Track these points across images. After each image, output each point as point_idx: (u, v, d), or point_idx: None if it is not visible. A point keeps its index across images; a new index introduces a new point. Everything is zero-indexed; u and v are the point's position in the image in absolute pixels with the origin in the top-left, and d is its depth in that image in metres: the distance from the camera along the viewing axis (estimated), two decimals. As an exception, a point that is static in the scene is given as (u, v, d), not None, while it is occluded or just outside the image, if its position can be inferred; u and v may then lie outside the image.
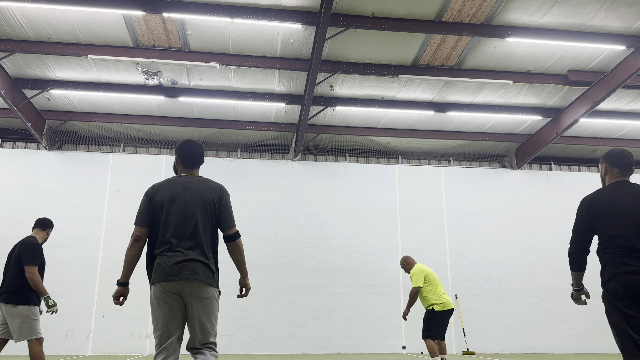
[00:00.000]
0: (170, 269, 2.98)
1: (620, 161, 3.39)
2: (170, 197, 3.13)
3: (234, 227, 3.24)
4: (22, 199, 11.78)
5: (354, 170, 13.14)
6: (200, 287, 3.00)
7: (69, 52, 9.55)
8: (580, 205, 3.37)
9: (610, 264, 3.15)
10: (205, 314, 3.02)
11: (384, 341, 11.93)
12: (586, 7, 8.56)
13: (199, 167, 3.38)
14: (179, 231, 3.06)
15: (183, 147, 3.32)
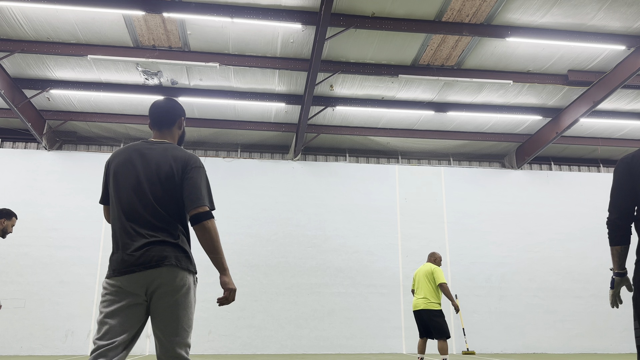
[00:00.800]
0: (130, 258, 2.39)
1: None
2: (122, 168, 2.55)
3: (202, 205, 2.47)
4: (22, 199, 11.78)
5: (354, 170, 13.14)
6: (172, 273, 2.39)
7: (69, 52, 9.54)
8: (619, 164, 2.83)
9: None
10: (179, 309, 2.40)
11: (384, 341, 11.93)
12: (586, 7, 8.56)
13: (170, 130, 2.72)
14: (134, 210, 2.47)
15: (150, 106, 2.75)
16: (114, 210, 2.53)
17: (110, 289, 2.41)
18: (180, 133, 2.80)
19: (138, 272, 2.37)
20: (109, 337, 2.33)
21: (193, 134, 12.75)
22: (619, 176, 2.78)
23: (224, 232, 12.11)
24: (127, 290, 2.39)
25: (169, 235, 2.45)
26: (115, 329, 2.34)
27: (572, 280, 12.84)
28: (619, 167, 2.80)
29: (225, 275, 2.54)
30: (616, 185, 2.79)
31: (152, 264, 2.37)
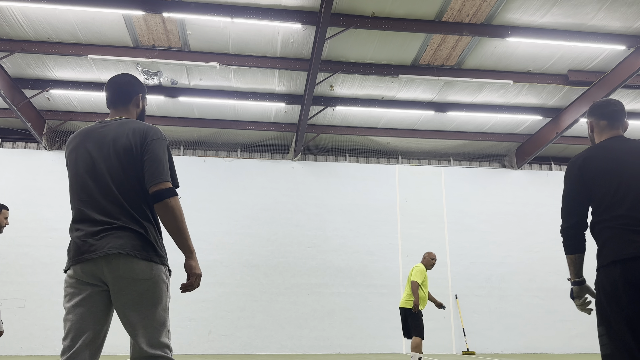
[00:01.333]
0: (83, 245, 2.14)
1: (606, 111, 2.69)
2: (74, 154, 2.32)
3: (163, 181, 2.20)
4: (22, 199, 11.78)
5: (354, 170, 13.14)
6: (129, 264, 2.12)
7: (68, 52, 9.54)
8: (571, 168, 2.60)
9: (612, 242, 2.39)
10: (143, 305, 2.12)
11: (384, 341, 11.93)
12: (586, 7, 8.55)
13: (127, 108, 2.49)
14: (88, 194, 2.22)
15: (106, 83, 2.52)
16: (71, 197, 2.30)
17: (68, 281, 2.19)
18: (139, 111, 2.54)
19: (91, 261, 2.12)
20: (72, 338, 2.10)
21: (193, 133, 12.74)
22: (571, 181, 2.59)
23: (224, 232, 12.12)
24: (83, 281, 2.14)
25: (129, 221, 2.18)
26: (77, 327, 2.10)
27: (572, 280, 12.82)
28: (571, 172, 2.60)
29: (191, 259, 2.28)
30: (568, 192, 2.59)
31: (104, 251, 2.10)
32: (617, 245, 2.36)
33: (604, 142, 2.63)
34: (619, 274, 2.31)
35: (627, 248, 2.31)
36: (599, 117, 2.71)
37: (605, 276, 2.38)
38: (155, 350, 2.12)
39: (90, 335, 2.12)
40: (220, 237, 12.09)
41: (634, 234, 2.33)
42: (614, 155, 2.54)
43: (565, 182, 2.62)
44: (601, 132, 2.71)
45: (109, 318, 2.22)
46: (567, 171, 2.63)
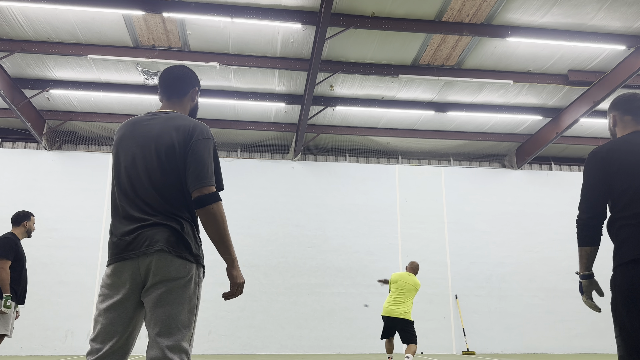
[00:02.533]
0: (120, 243, 2.12)
1: (632, 106, 2.62)
2: (120, 146, 2.26)
3: (208, 185, 2.12)
4: (22, 199, 11.77)
5: (354, 170, 13.14)
6: (165, 261, 2.06)
7: (68, 52, 9.54)
8: (592, 158, 2.52)
9: (632, 240, 2.31)
10: (171, 304, 2.06)
11: (384, 341, 11.91)
12: (586, 7, 8.55)
13: (181, 100, 2.41)
14: (129, 189, 2.17)
15: (162, 72, 2.46)
16: (112, 191, 2.24)
17: (105, 281, 2.15)
18: (193, 105, 2.47)
19: (126, 260, 2.08)
20: (101, 341, 2.05)
21: (193, 134, 12.73)
22: (592, 172, 2.51)
23: (224, 232, 12.10)
24: (119, 283, 2.10)
25: (166, 218, 2.11)
26: (107, 330, 2.06)
27: (572, 280, 12.81)
28: (592, 163, 2.52)
29: (233, 267, 2.24)
30: (589, 183, 2.51)
31: (141, 250, 2.05)
32: (636, 244, 2.29)
33: (628, 136, 2.55)
34: (637, 274, 2.25)
35: None
36: (624, 112, 2.65)
37: (622, 275, 2.31)
38: (173, 355, 2.02)
39: (119, 341, 2.07)
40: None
41: None
42: (637, 150, 2.46)
43: (587, 173, 2.53)
44: (624, 127, 2.64)
45: (140, 322, 2.16)
46: (588, 162, 2.55)
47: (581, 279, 2.57)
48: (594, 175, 2.50)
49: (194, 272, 2.16)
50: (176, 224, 2.13)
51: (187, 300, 2.15)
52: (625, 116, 2.64)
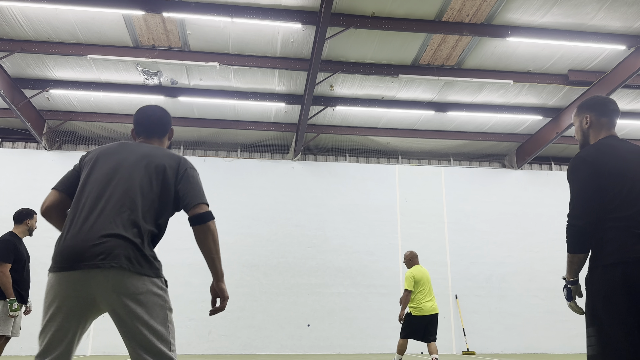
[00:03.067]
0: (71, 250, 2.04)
1: (608, 109, 2.65)
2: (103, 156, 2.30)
3: (203, 203, 2.23)
4: (22, 199, 11.76)
5: (354, 170, 13.13)
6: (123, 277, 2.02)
7: (68, 52, 9.54)
8: (580, 164, 2.50)
9: (615, 243, 2.34)
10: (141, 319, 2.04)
11: (384, 341, 11.93)
12: (586, 7, 8.55)
13: (161, 140, 2.52)
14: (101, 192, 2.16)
15: (138, 112, 2.52)
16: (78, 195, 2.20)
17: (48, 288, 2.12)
18: (169, 144, 2.65)
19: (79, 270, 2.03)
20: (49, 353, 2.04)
21: (193, 133, 12.74)
22: (585, 177, 2.46)
23: (224, 232, 12.11)
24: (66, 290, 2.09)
25: (131, 232, 2.08)
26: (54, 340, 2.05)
27: (572, 280, 12.81)
28: (583, 168, 2.48)
29: (222, 282, 2.28)
30: (582, 188, 2.45)
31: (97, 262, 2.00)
32: (620, 247, 2.31)
33: (609, 140, 2.57)
34: (619, 276, 2.27)
35: (631, 252, 2.28)
36: (601, 114, 2.65)
37: (603, 277, 2.33)
38: None
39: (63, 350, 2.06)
40: (220, 237, 12.05)
41: (637, 237, 2.30)
42: (623, 155, 2.48)
43: (578, 178, 2.49)
44: (600, 130, 2.65)
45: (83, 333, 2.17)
46: (577, 166, 2.51)
47: (570, 285, 2.58)
48: (587, 179, 2.46)
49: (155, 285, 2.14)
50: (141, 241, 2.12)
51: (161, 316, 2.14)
52: (602, 118, 2.64)
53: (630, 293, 2.23)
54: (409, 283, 7.05)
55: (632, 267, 2.26)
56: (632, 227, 2.32)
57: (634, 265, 2.26)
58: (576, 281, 2.57)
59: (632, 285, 2.24)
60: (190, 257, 11.88)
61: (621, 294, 2.24)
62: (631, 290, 2.23)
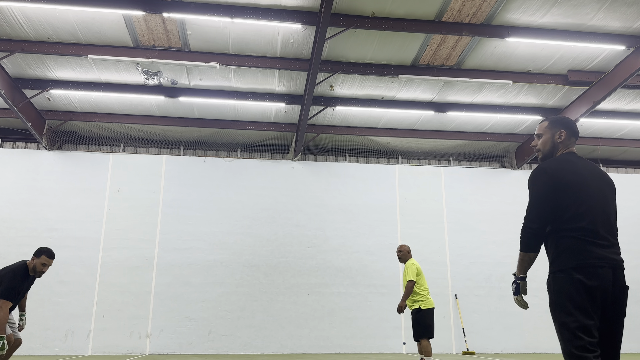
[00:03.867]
0: None
1: (577, 130, 3.03)
2: None
3: None
4: (22, 199, 11.78)
5: (354, 170, 13.14)
6: None
7: (69, 52, 9.55)
8: (541, 174, 2.81)
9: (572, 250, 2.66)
10: None
11: (384, 341, 11.93)
12: (586, 7, 8.56)
13: None
14: None
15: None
16: None
17: None
18: None
19: None
20: None
21: (193, 133, 12.75)
22: (541, 186, 2.78)
23: (224, 232, 12.12)
24: None
25: None
26: None
27: (572, 280, 12.82)
28: (541, 178, 2.80)
29: None
30: (539, 195, 2.78)
31: None
32: (576, 254, 2.64)
33: (568, 156, 2.90)
34: (575, 279, 2.59)
35: (586, 258, 2.62)
36: (572, 133, 3.00)
37: (561, 280, 2.65)
38: None
39: None
40: (220, 237, 12.10)
41: (591, 245, 2.64)
42: (579, 171, 2.80)
43: (537, 187, 2.80)
44: (567, 145, 2.98)
45: None
46: (537, 176, 2.82)
47: (519, 280, 2.90)
48: (544, 189, 2.77)
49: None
50: None
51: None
52: (572, 137, 3.00)
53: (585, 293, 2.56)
54: (413, 273, 6.91)
55: (586, 271, 2.59)
56: (585, 236, 2.65)
57: (587, 269, 2.59)
58: (524, 277, 2.90)
59: (586, 287, 2.57)
60: (190, 257, 11.89)
61: (577, 295, 2.57)
62: (586, 291, 2.57)
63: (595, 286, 2.57)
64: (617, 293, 2.64)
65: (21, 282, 5.27)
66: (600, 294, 2.58)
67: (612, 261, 2.65)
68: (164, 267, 11.75)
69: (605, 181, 2.86)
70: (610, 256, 2.66)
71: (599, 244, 2.64)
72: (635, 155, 14.20)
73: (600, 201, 2.75)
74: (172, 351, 11.31)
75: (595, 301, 2.57)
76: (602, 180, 2.85)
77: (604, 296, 2.59)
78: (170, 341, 11.35)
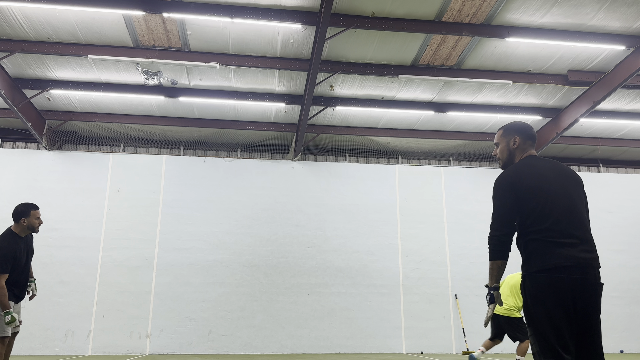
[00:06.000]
0: None
1: (532, 132, 3.08)
2: None
3: None
4: (22, 199, 11.71)
5: (354, 170, 13.14)
6: None
7: (69, 52, 9.55)
8: (502, 181, 2.88)
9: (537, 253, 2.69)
10: None
11: (384, 341, 11.94)
12: (586, 7, 8.56)
13: None
14: None
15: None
16: None
17: None
18: None
19: None
20: None
21: (193, 133, 12.75)
22: (503, 194, 2.84)
23: (224, 232, 12.12)
24: None
25: None
26: None
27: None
28: (502, 185, 2.86)
29: None
30: (502, 203, 2.84)
31: None
32: (542, 256, 2.66)
33: (529, 160, 2.95)
34: (544, 282, 2.62)
35: (551, 259, 2.62)
36: (527, 137, 3.05)
37: (532, 283, 2.67)
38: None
39: None
40: (220, 237, 12.10)
41: (556, 246, 2.64)
42: (540, 173, 2.85)
43: (498, 195, 2.87)
44: (524, 150, 3.03)
45: None
46: (499, 185, 2.89)
47: (492, 290, 2.91)
48: (506, 197, 2.83)
49: None
50: None
51: None
52: (527, 141, 3.05)
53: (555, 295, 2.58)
54: None
55: (553, 273, 2.61)
56: (549, 237, 2.66)
57: (555, 271, 2.61)
58: (497, 287, 2.90)
59: (555, 289, 2.59)
60: (190, 257, 11.89)
61: (547, 297, 2.60)
62: (556, 293, 2.58)
63: (562, 287, 2.58)
64: (588, 291, 2.62)
65: (12, 248, 5.01)
66: (569, 294, 2.58)
67: (580, 260, 2.62)
68: (164, 267, 11.75)
69: (570, 178, 2.89)
70: (578, 255, 2.63)
71: (565, 244, 2.63)
72: (635, 155, 14.19)
73: (565, 200, 2.76)
74: (172, 351, 11.31)
75: (565, 302, 2.57)
76: (567, 177, 2.89)
77: (574, 296, 2.59)
78: (170, 341, 11.35)
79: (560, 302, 2.57)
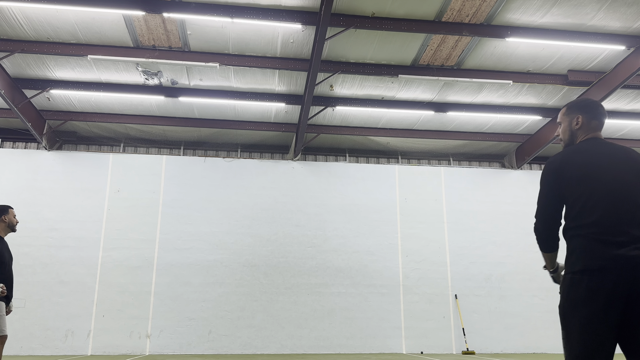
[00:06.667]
0: None
1: (599, 112, 2.70)
2: None
3: None
4: (22, 199, 11.78)
5: (354, 170, 13.14)
6: None
7: (69, 52, 9.55)
8: (546, 169, 2.63)
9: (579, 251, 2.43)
10: None
11: (384, 341, 11.94)
12: (586, 7, 8.56)
13: None
14: None
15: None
16: None
17: None
18: None
19: None
20: None
21: (193, 133, 12.75)
22: (547, 183, 2.62)
23: (224, 232, 12.12)
24: None
25: None
26: None
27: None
28: (546, 173, 2.63)
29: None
30: (544, 193, 2.63)
31: None
32: (584, 255, 2.39)
33: (584, 145, 2.64)
34: (583, 286, 2.35)
35: (594, 259, 2.34)
36: (592, 117, 2.71)
37: (571, 283, 2.42)
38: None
39: None
40: (220, 237, 12.10)
41: (600, 243, 2.34)
42: (591, 160, 2.53)
43: (543, 184, 2.65)
44: (587, 131, 2.71)
45: None
46: (543, 172, 2.65)
47: (553, 273, 2.81)
48: (549, 186, 2.60)
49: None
50: None
51: None
52: (593, 121, 2.70)
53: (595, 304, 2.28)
54: None
55: (595, 275, 2.31)
56: (595, 233, 2.37)
57: (597, 273, 2.31)
58: (556, 269, 2.78)
59: (594, 295, 2.29)
60: (190, 257, 11.89)
61: (584, 304, 2.31)
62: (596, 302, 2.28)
63: (605, 293, 2.26)
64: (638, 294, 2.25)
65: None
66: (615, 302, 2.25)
67: (629, 259, 2.25)
68: (164, 267, 11.75)
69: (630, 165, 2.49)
70: (628, 254, 2.26)
71: (613, 242, 2.30)
72: (635, 155, 14.18)
73: (618, 189, 2.40)
74: (172, 351, 11.31)
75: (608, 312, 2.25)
76: (626, 164, 2.49)
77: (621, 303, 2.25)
78: (170, 341, 11.35)
79: (600, 312, 2.26)
